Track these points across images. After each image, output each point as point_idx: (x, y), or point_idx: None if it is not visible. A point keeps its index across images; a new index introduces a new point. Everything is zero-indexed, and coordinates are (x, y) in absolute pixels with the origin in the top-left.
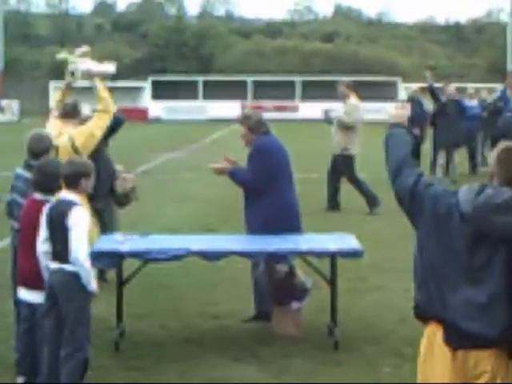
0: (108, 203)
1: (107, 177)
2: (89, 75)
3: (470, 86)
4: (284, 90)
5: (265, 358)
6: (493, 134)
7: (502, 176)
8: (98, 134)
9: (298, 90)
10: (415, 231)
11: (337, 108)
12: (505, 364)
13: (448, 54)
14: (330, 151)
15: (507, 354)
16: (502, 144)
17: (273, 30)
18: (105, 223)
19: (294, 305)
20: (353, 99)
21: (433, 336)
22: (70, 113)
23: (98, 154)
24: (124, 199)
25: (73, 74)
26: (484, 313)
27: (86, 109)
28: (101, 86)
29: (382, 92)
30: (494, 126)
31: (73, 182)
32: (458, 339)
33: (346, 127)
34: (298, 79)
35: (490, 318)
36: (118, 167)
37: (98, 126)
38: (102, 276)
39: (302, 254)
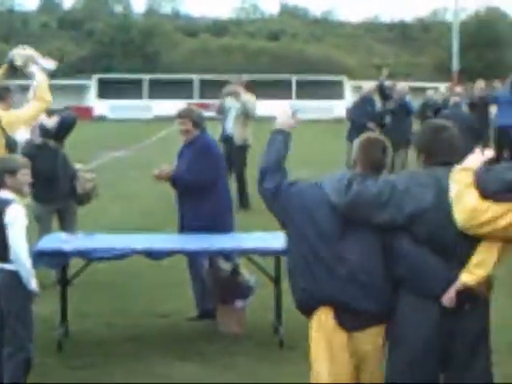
0: (69, 203)
1: (67, 177)
2: (27, 61)
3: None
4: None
5: (209, 356)
6: None
7: (364, 162)
8: (26, 119)
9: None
10: (285, 228)
11: (230, 102)
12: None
13: (394, 53)
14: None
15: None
16: (364, 134)
17: (219, 28)
18: (65, 224)
19: (239, 303)
20: (248, 95)
21: (325, 320)
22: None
23: (55, 155)
24: (85, 198)
25: (11, 63)
26: (367, 291)
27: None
28: (40, 74)
29: (328, 91)
30: None
31: None
32: (349, 320)
33: (247, 118)
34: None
35: (374, 295)
36: (78, 166)
37: (28, 112)
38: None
39: (246, 253)
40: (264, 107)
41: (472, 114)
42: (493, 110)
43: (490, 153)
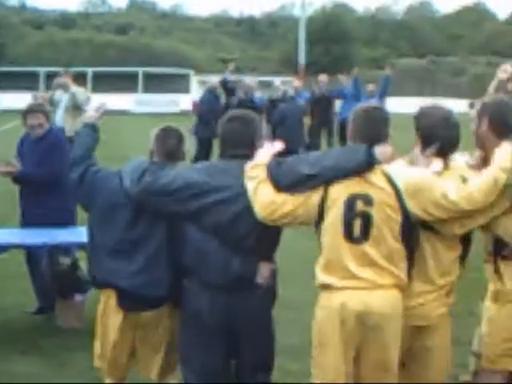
0: None
1: None
2: None
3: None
4: (76, 82)
5: (48, 351)
6: (271, 124)
7: (159, 151)
8: None
9: (90, 82)
10: (88, 212)
11: (60, 95)
12: (168, 314)
13: (241, 47)
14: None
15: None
16: (159, 127)
17: (66, 21)
18: None
19: (78, 297)
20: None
21: (108, 300)
22: None
23: None
24: None
25: None
26: (148, 276)
27: None
28: None
29: (175, 84)
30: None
31: None
32: (129, 302)
33: (76, 110)
34: (89, 70)
35: (155, 280)
36: None
37: None
38: None
39: (85, 247)
40: (109, 101)
41: (313, 106)
42: (337, 103)
43: (278, 145)
